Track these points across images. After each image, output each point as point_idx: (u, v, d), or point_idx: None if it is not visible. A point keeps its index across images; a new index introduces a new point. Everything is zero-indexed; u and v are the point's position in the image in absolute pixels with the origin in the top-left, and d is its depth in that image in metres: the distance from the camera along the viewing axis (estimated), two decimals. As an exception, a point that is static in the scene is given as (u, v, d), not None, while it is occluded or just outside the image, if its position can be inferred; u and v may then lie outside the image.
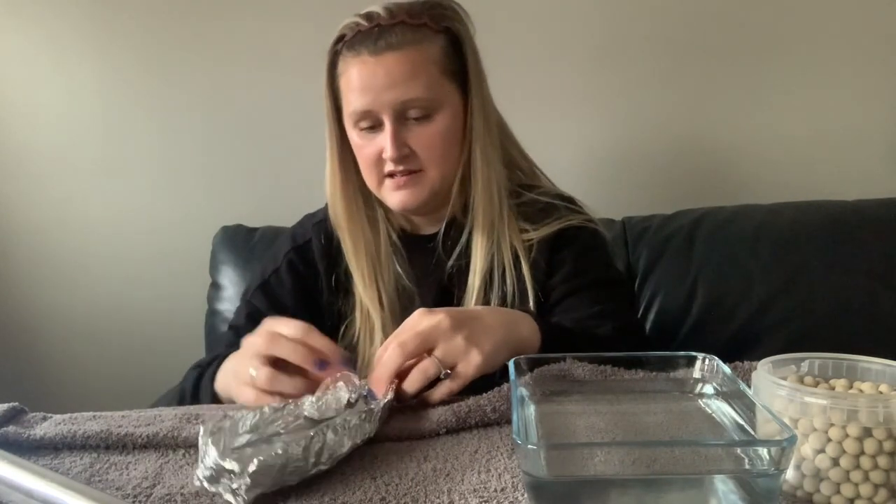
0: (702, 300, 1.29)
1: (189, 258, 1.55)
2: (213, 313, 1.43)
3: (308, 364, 0.68)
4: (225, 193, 1.57)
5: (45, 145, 1.56)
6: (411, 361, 0.68)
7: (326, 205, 1.02)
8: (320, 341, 0.70)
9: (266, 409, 0.57)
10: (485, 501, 0.50)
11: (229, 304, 1.41)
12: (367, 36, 0.89)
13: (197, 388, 0.87)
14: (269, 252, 1.10)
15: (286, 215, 1.10)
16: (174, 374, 1.48)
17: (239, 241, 1.44)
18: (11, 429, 0.64)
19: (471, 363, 0.67)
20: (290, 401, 0.60)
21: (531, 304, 0.93)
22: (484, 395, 0.68)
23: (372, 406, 0.62)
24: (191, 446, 0.62)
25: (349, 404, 0.61)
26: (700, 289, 1.30)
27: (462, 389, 0.68)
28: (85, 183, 1.57)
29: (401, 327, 0.69)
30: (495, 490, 0.52)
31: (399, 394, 0.67)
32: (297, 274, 1.02)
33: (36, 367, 1.65)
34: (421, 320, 0.68)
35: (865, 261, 1.27)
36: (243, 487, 0.50)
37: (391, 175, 0.93)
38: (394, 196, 0.94)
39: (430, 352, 0.68)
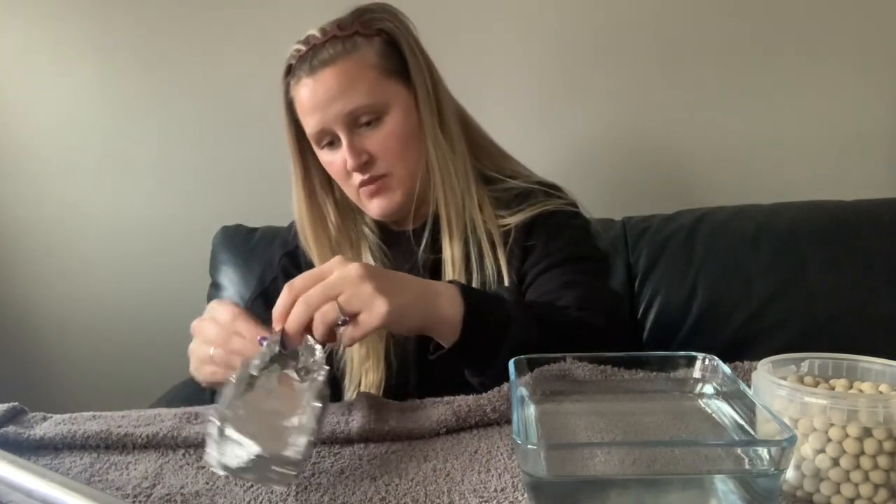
0: (702, 300, 1.29)
1: (189, 258, 1.55)
2: (213, 313, 1.43)
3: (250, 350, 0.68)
4: (225, 193, 1.57)
5: (45, 145, 1.56)
6: None
7: None
8: (244, 326, 0.69)
9: (235, 379, 0.59)
10: (485, 501, 0.50)
11: (229, 304, 1.41)
12: (304, 59, 0.92)
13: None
14: (266, 258, 1.13)
15: (286, 215, 1.10)
16: (174, 374, 1.48)
17: (239, 241, 1.44)
18: (11, 429, 0.64)
19: (375, 312, 0.63)
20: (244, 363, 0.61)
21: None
22: (484, 395, 0.69)
23: (310, 365, 0.62)
24: (190, 446, 0.62)
25: (281, 355, 0.62)
26: (700, 289, 1.30)
27: (363, 339, 0.65)
28: (85, 183, 1.57)
29: (312, 271, 0.66)
30: (495, 490, 0.52)
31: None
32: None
33: (36, 367, 1.65)
34: (331, 270, 0.65)
35: (865, 261, 1.26)
36: (290, 474, 0.52)
37: (363, 185, 0.94)
38: (372, 206, 0.96)
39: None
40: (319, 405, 0.57)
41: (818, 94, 1.50)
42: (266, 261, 1.13)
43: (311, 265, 1.02)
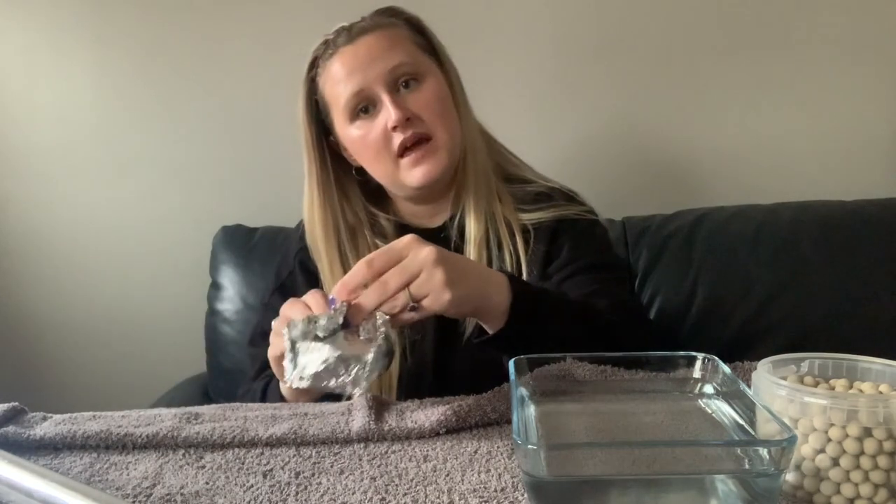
0: (702, 300, 1.29)
1: (189, 258, 1.55)
2: (213, 313, 1.43)
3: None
4: (225, 193, 1.57)
5: (45, 145, 1.56)
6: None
7: None
8: (313, 299, 0.72)
9: (298, 322, 0.64)
10: (485, 501, 0.50)
11: (229, 303, 1.41)
12: (339, 36, 0.94)
13: (265, 393, 0.92)
14: (281, 254, 1.13)
15: (286, 215, 1.11)
16: (174, 374, 1.49)
17: (239, 241, 1.44)
18: (11, 429, 0.64)
19: (438, 301, 0.68)
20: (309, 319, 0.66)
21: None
22: (484, 395, 0.69)
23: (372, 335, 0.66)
24: (190, 446, 0.62)
25: (344, 326, 0.66)
26: (700, 289, 1.30)
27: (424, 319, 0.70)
28: (85, 183, 1.57)
29: (389, 251, 0.69)
30: (495, 490, 0.52)
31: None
32: (308, 272, 1.03)
33: (36, 367, 1.65)
34: (407, 250, 0.69)
35: (865, 261, 1.26)
36: (365, 373, 0.57)
37: (404, 152, 0.92)
38: (415, 173, 0.93)
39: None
40: (383, 339, 0.62)
41: (818, 95, 1.50)
42: (280, 256, 1.12)
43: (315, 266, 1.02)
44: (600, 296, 0.89)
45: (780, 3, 1.48)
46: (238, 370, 1.29)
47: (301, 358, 0.59)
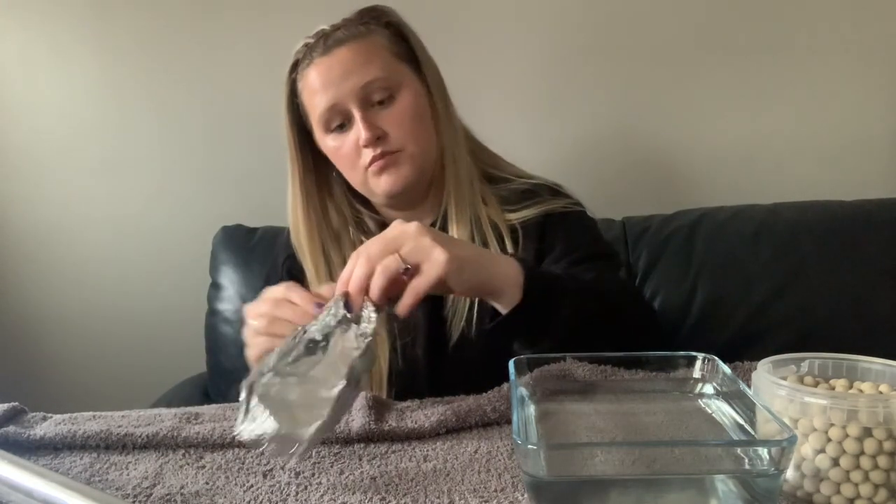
0: (702, 300, 1.29)
1: (189, 258, 1.55)
2: (213, 313, 1.43)
3: (302, 316, 0.69)
4: (225, 193, 1.57)
5: (44, 145, 1.56)
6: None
7: None
8: (297, 294, 0.71)
9: (283, 344, 0.61)
10: (485, 501, 0.50)
11: (229, 304, 1.41)
12: (316, 44, 0.94)
13: None
14: (270, 260, 1.13)
15: (286, 215, 1.11)
16: (174, 374, 1.49)
17: (239, 241, 1.44)
18: (11, 429, 0.64)
19: (435, 260, 0.64)
20: (299, 328, 0.63)
21: None
22: (484, 395, 0.69)
23: (363, 327, 0.63)
24: (190, 446, 0.62)
25: (345, 319, 0.63)
26: (700, 289, 1.30)
27: (427, 291, 0.65)
28: (85, 183, 1.57)
29: (374, 238, 0.69)
30: (495, 490, 0.52)
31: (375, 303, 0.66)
32: (297, 280, 1.02)
33: (36, 367, 1.65)
34: (391, 230, 0.68)
35: (865, 261, 1.26)
36: (299, 449, 0.53)
37: (374, 162, 0.93)
38: (380, 182, 0.94)
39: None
40: (343, 383, 0.57)
41: (818, 94, 1.50)
42: (270, 263, 1.13)
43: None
44: (600, 282, 0.89)
45: (781, 4, 1.48)
46: (238, 370, 1.29)
47: (248, 419, 0.56)
